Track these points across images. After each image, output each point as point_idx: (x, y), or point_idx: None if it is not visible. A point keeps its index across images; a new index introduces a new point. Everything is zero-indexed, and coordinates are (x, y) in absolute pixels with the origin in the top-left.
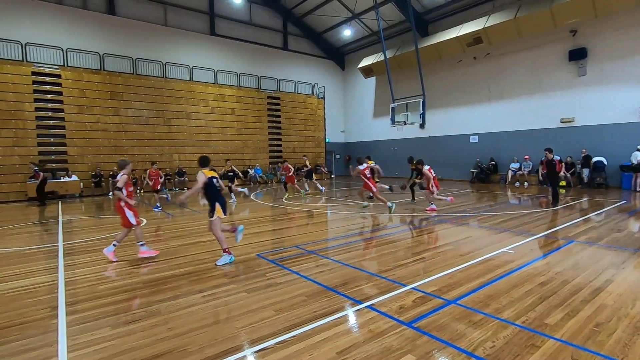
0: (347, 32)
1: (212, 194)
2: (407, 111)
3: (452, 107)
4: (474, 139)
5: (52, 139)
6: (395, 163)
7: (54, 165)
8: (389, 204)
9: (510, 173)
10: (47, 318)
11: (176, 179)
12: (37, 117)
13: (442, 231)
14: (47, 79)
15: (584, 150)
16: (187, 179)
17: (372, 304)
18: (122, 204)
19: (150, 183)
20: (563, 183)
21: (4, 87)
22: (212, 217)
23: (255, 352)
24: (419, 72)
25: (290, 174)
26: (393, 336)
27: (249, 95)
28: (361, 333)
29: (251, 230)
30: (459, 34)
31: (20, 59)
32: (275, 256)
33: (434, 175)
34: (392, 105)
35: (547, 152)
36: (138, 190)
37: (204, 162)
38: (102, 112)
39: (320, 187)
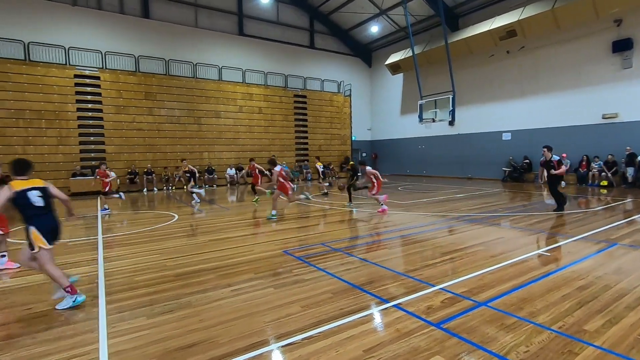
0: (374, 29)
1: (26, 213)
2: (435, 108)
3: (483, 104)
4: (506, 136)
5: (92, 138)
6: (423, 161)
7: (93, 162)
8: (273, 211)
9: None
10: (88, 306)
11: (206, 176)
12: (79, 117)
13: (471, 231)
14: (88, 80)
15: (628, 147)
16: (216, 176)
17: (399, 304)
18: None
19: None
20: (604, 183)
21: (49, 90)
22: (33, 249)
23: (283, 346)
24: (449, 68)
25: (256, 173)
26: (421, 336)
27: (276, 94)
28: (388, 332)
29: (277, 227)
30: (492, 28)
31: (64, 62)
32: (301, 253)
33: (378, 175)
34: (420, 102)
35: (544, 150)
36: (170, 187)
37: (17, 169)
38: (137, 112)
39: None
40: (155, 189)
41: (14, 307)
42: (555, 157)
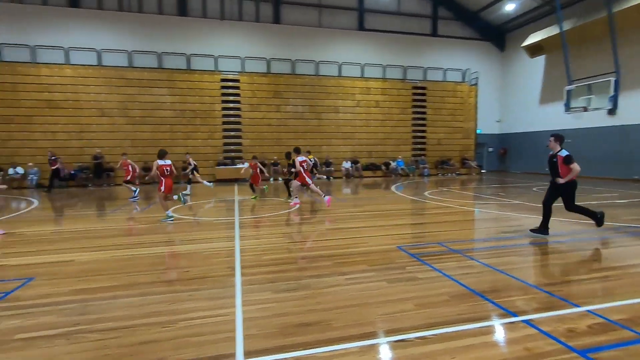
0: (509, 7)
1: None
2: (589, 94)
3: None
4: None
5: (232, 133)
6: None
7: (233, 154)
8: (169, 213)
9: None
10: (227, 276)
11: (323, 168)
12: (223, 116)
13: (635, 247)
14: (230, 83)
15: None
16: (333, 168)
17: (530, 319)
18: None
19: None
20: None
21: (202, 93)
22: None
23: (395, 342)
24: (612, 44)
25: (256, 171)
26: None
27: (393, 87)
28: (515, 349)
29: (392, 222)
30: None
31: (213, 69)
32: (416, 250)
33: (305, 168)
34: (567, 87)
35: (550, 140)
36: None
37: None
38: (267, 109)
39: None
40: (280, 178)
41: (177, 268)
42: (564, 152)
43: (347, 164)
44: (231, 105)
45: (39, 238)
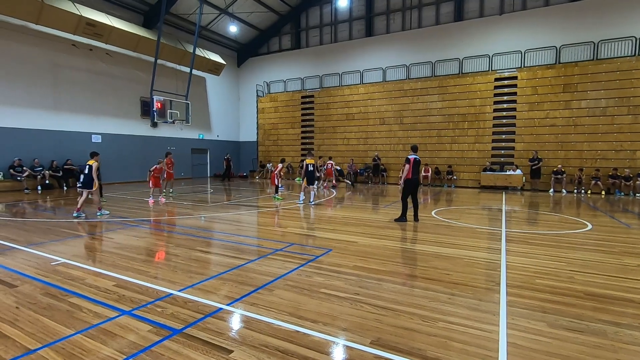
0: None
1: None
2: None
3: None
4: None
5: (503, 136)
6: None
7: (502, 159)
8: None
9: None
10: (491, 290)
11: (622, 183)
12: (494, 117)
13: None
14: (506, 82)
15: None
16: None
17: None
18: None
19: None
20: None
21: (473, 95)
22: None
23: None
24: None
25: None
26: None
27: None
28: None
29: None
30: None
31: (487, 69)
32: None
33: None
34: None
35: None
36: (584, 190)
37: None
38: (551, 107)
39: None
40: (564, 190)
41: (438, 269)
42: None
43: None
44: (504, 105)
45: (335, 220)
